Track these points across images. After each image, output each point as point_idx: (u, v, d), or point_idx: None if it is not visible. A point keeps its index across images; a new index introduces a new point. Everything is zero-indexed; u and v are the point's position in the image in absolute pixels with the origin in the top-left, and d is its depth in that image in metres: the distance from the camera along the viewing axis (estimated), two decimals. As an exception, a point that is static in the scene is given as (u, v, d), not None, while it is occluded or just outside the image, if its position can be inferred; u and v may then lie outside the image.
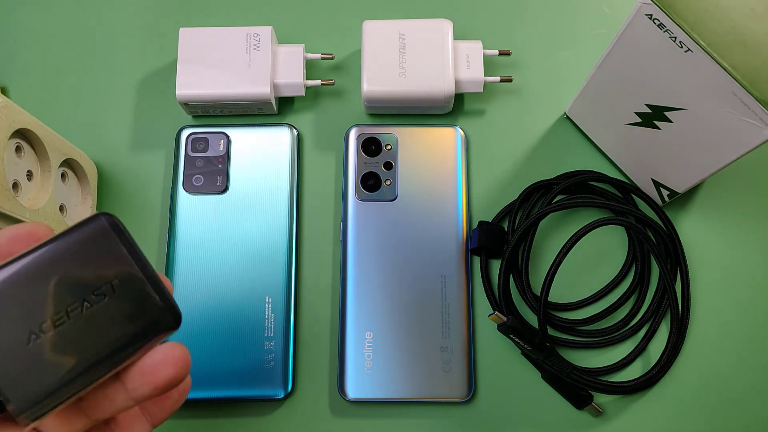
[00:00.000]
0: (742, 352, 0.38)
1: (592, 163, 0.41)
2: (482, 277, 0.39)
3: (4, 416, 0.20)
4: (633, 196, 0.40)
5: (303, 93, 0.41)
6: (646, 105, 0.34)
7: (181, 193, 0.39)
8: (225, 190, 0.40)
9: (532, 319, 0.38)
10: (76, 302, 0.20)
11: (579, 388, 0.37)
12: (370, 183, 0.40)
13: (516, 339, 0.35)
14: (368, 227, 0.39)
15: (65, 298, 0.20)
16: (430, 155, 0.40)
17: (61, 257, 0.20)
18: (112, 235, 0.21)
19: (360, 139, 0.40)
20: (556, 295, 0.39)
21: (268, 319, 0.38)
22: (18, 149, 0.33)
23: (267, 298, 0.38)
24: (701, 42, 0.28)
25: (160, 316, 0.21)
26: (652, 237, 0.39)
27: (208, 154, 0.40)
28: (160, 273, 0.23)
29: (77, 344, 0.20)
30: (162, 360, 0.21)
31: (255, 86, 0.39)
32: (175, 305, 0.22)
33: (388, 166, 0.40)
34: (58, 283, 0.20)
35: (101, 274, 0.21)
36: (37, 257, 0.20)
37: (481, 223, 0.39)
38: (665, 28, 0.29)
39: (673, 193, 0.38)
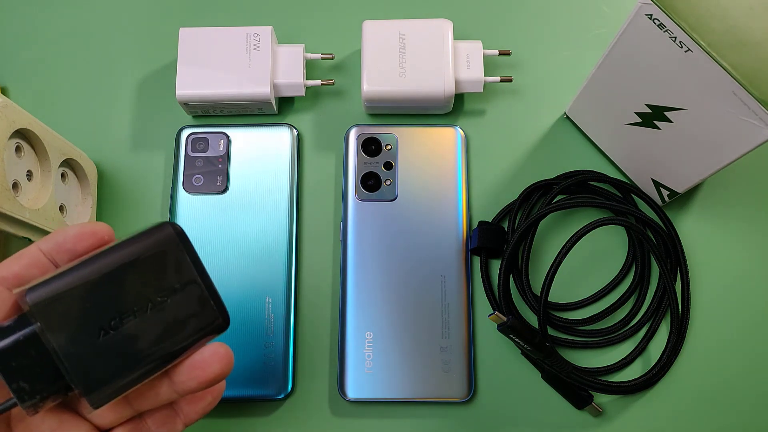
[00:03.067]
0: (742, 352, 0.38)
1: (592, 163, 0.41)
2: (482, 277, 0.39)
3: (63, 403, 0.23)
4: (633, 196, 0.40)
5: (303, 93, 0.41)
6: (646, 105, 0.34)
7: (181, 193, 0.39)
8: (225, 190, 0.40)
9: (532, 319, 0.38)
10: (143, 303, 0.23)
11: (579, 388, 0.37)
12: (370, 183, 0.40)
13: (516, 339, 0.35)
14: (368, 227, 0.39)
15: (134, 299, 0.23)
16: (430, 155, 0.40)
17: (132, 261, 0.23)
18: (179, 244, 0.23)
19: (360, 139, 0.40)
20: (556, 295, 0.39)
21: (268, 319, 0.38)
22: (18, 149, 0.33)
23: (267, 298, 0.38)
24: (701, 42, 0.28)
25: (213, 319, 0.24)
26: (652, 237, 0.39)
27: (208, 154, 0.40)
28: None
29: (142, 341, 0.23)
30: (210, 356, 0.23)
31: (255, 86, 0.39)
32: (226, 310, 0.24)
33: (388, 166, 0.40)
34: (128, 285, 0.22)
35: (167, 278, 0.23)
36: (111, 260, 0.23)
37: (481, 223, 0.39)
38: (665, 28, 0.29)
39: (673, 193, 0.38)
